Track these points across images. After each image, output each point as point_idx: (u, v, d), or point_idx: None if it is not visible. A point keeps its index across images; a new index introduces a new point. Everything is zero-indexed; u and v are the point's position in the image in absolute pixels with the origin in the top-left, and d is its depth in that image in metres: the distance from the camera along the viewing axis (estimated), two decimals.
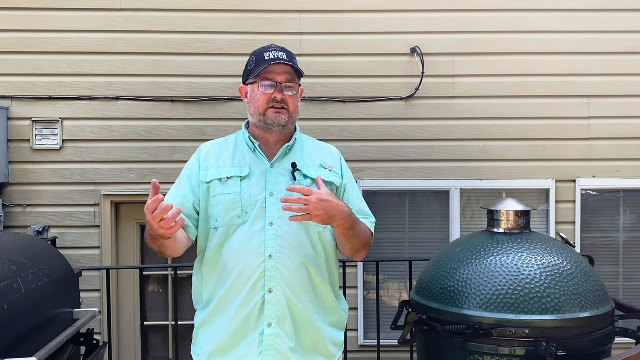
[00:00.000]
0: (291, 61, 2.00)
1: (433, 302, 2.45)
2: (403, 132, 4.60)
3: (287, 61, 1.99)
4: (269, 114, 1.98)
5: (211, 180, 2.00)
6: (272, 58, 1.98)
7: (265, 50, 2.02)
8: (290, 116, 2.00)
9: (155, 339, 4.79)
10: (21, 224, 4.49)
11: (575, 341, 2.24)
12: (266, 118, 1.99)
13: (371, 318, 4.42)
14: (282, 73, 1.99)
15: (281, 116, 1.98)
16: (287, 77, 1.99)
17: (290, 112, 2.00)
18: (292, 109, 2.00)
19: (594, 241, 4.67)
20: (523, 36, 4.61)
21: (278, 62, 1.97)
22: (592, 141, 4.62)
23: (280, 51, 2.01)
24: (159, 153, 4.53)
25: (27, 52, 4.50)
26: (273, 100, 1.97)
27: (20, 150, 4.51)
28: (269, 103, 1.98)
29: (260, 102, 1.99)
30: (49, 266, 2.61)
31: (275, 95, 1.97)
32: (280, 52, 2.01)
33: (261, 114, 1.99)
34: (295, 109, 2.02)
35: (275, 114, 1.98)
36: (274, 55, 1.99)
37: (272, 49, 2.02)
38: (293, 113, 2.01)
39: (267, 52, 2.00)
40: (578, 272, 2.36)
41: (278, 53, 2.00)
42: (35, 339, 2.30)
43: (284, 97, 1.98)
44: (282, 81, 1.98)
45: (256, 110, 2.00)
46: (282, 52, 2.01)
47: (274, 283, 1.92)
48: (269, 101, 1.98)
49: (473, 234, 2.74)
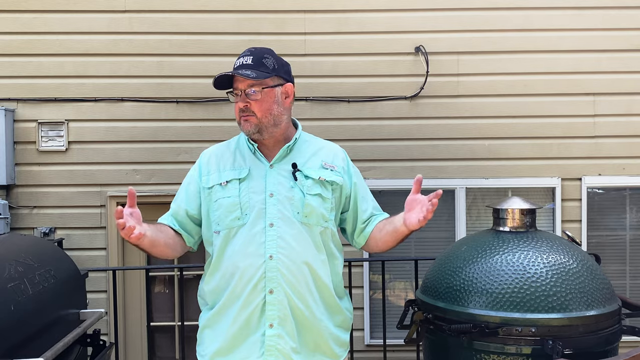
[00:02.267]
0: (251, 67, 1.93)
1: (439, 301, 2.45)
2: (408, 131, 4.59)
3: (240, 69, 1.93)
4: (241, 124, 1.98)
5: (212, 186, 2.02)
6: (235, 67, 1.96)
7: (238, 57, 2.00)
8: (259, 122, 1.96)
9: (162, 340, 4.80)
10: (28, 225, 4.51)
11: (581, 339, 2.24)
12: (241, 127, 2.00)
13: (377, 317, 4.42)
14: (241, 80, 1.95)
15: (248, 124, 1.96)
16: (247, 82, 1.93)
17: (259, 117, 1.96)
18: (259, 114, 1.95)
19: (601, 239, 4.66)
20: (528, 34, 4.60)
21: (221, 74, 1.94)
22: (598, 139, 4.61)
23: (247, 55, 1.97)
24: (165, 154, 4.54)
25: (32, 55, 4.52)
26: (240, 111, 1.97)
27: (26, 152, 4.53)
28: (240, 113, 1.97)
29: (235, 111, 2.00)
30: (56, 267, 2.61)
31: (239, 104, 1.96)
32: (246, 58, 1.96)
33: (238, 123, 2.00)
34: (263, 113, 1.96)
35: (244, 122, 1.97)
36: (237, 62, 1.97)
37: (242, 55, 1.98)
38: (262, 118, 1.96)
39: (237, 60, 1.98)
40: (584, 270, 2.35)
41: (243, 59, 1.96)
42: (42, 339, 2.31)
43: (247, 104, 1.95)
44: (243, 88, 1.95)
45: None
46: (248, 57, 1.96)
47: (275, 283, 1.92)
48: (239, 110, 1.97)
49: (478, 233, 2.74)
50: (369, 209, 2.12)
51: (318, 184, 2.00)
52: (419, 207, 1.87)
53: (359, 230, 2.12)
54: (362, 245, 2.13)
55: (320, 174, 2.01)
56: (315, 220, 1.98)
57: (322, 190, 2.00)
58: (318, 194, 1.99)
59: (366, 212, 2.11)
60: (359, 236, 2.12)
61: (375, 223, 2.09)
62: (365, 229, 2.10)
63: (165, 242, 1.97)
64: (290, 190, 1.98)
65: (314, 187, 1.99)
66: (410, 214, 1.90)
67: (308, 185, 1.98)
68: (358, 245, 2.15)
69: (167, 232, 2.00)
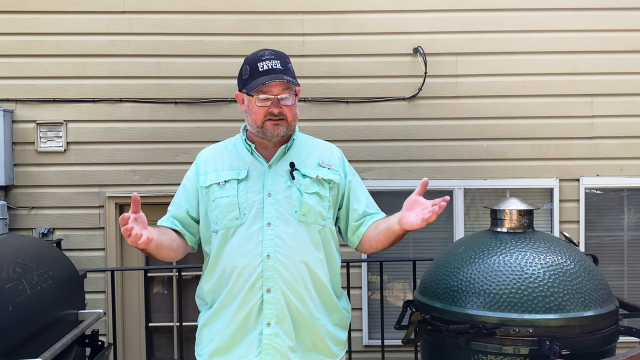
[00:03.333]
0: (285, 73, 1.95)
1: (437, 301, 2.45)
2: (406, 132, 4.60)
3: (281, 74, 1.93)
4: (267, 127, 1.96)
5: (210, 185, 2.02)
6: (265, 70, 1.93)
7: (258, 59, 1.96)
8: (288, 125, 1.98)
9: (160, 340, 4.80)
10: (26, 226, 4.51)
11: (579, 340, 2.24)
12: (265, 130, 1.97)
13: (375, 318, 4.42)
14: (277, 85, 1.94)
15: (279, 128, 1.97)
16: (282, 87, 1.94)
17: (289, 121, 1.98)
18: (290, 118, 1.98)
19: (598, 240, 4.66)
20: (526, 35, 4.61)
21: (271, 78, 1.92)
22: (596, 140, 4.62)
23: (273, 59, 1.96)
24: (163, 155, 4.54)
25: (30, 55, 4.53)
26: (270, 114, 1.95)
27: (25, 152, 4.53)
28: (266, 116, 1.96)
29: (258, 115, 1.96)
30: (54, 268, 2.62)
31: (272, 109, 1.94)
32: (273, 62, 1.96)
33: (259, 126, 1.98)
34: (293, 117, 1.99)
35: (274, 127, 1.96)
36: (267, 65, 1.94)
37: (265, 57, 1.96)
38: (292, 122, 1.99)
39: (261, 62, 1.95)
40: (582, 271, 2.36)
41: (271, 62, 1.95)
42: (41, 340, 2.32)
43: (281, 110, 1.95)
44: (277, 93, 1.94)
45: (254, 123, 1.99)
46: (275, 61, 1.96)
47: (272, 282, 1.93)
48: (266, 114, 1.96)
49: (476, 233, 2.74)
50: (362, 207, 2.11)
51: (315, 182, 2.00)
52: (419, 209, 1.87)
53: (352, 229, 2.11)
54: (357, 244, 2.13)
55: (318, 172, 2.02)
56: (313, 218, 1.98)
57: (319, 189, 2.00)
58: (315, 193, 1.99)
59: (358, 212, 2.10)
60: (352, 235, 2.12)
61: (370, 223, 2.09)
62: (359, 228, 2.10)
63: (169, 245, 1.98)
64: (287, 190, 1.98)
65: (311, 186, 1.99)
66: (408, 213, 1.90)
67: (305, 184, 1.99)
68: (353, 244, 2.15)
69: (170, 234, 2.01)
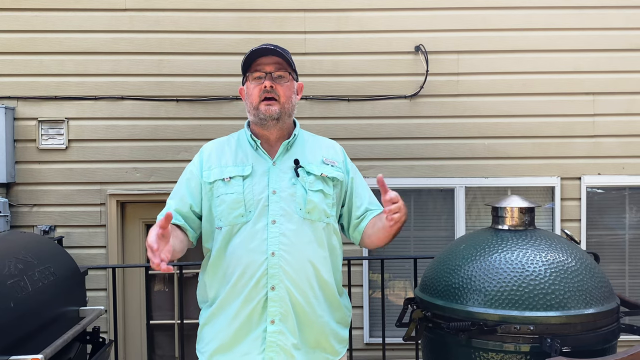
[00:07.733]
0: (279, 50, 2.00)
1: (438, 299, 2.45)
2: (407, 130, 4.60)
3: (274, 49, 1.98)
4: (261, 108, 1.98)
5: (214, 181, 2.01)
6: (258, 49, 1.99)
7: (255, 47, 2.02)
8: (281, 107, 1.99)
9: (161, 338, 4.80)
10: (28, 223, 4.51)
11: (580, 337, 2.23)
12: (259, 112, 1.98)
13: (376, 316, 4.42)
14: (271, 63, 1.99)
15: (272, 108, 1.97)
16: (276, 66, 1.99)
17: (282, 102, 1.98)
18: (283, 99, 1.98)
19: (600, 239, 4.66)
20: (528, 33, 4.60)
21: (263, 50, 1.97)
22: (598, 138, 4.61)
23: (268, 46, 2.01)
24: (165, 152, 4.54)
25: (32, 53, 4.53)
26: (264, 92, 1.97)
27: (26, 150, 4.53)
28: (261, 95, 1.97)
29: (254, 95, 1.99)
30: (55, 265, 2.62)
31: (265, 83, 1.97)
32: (270, 45, 2.01)
33: (255, 107, 1.99)
34: (287, 99, 2.00)
35: (266, 107, 1.97)
36: (261, 46, 2.01)
37: (264, 45, 2.03)
38: (285, 104, 1.99)
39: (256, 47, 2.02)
40: (583, 269, 2.36)
41: (267, 45, 2.01)
42: (42, 336, 2.32)
43: (273, 85, 1.97)
44: (271, 71, 1.98)
45: (251, 105, 2.01)
46: (271, 45, 2.02)
47: (277, 280, 1.92)
48: (260, 93, 1.97)
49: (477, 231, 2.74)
50: (364, 204, 2.12)
51: (320, 180, 2.01)
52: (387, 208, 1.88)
53: (354, 226, 2.13)
54: (359, 240, 2.15)
55: (322, 170, 2.02)
56: (318, 216, 1.98)
57: (323, 187, 2.01)
58: (320, 190, 1.99)
59: (360, 208, 2.12)
60: (354, 231, 2.14)
61: (369, 218, 2.10)
62: (360, 224, 2.11)
63: (180, 248, 1.96)
64: (292, 187, 1.98)
65: (315, 183, 1.99)
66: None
67: (310, 181, 1.99)
68: (355, 240, 2.16)
69: (179, 235, 1.98)
